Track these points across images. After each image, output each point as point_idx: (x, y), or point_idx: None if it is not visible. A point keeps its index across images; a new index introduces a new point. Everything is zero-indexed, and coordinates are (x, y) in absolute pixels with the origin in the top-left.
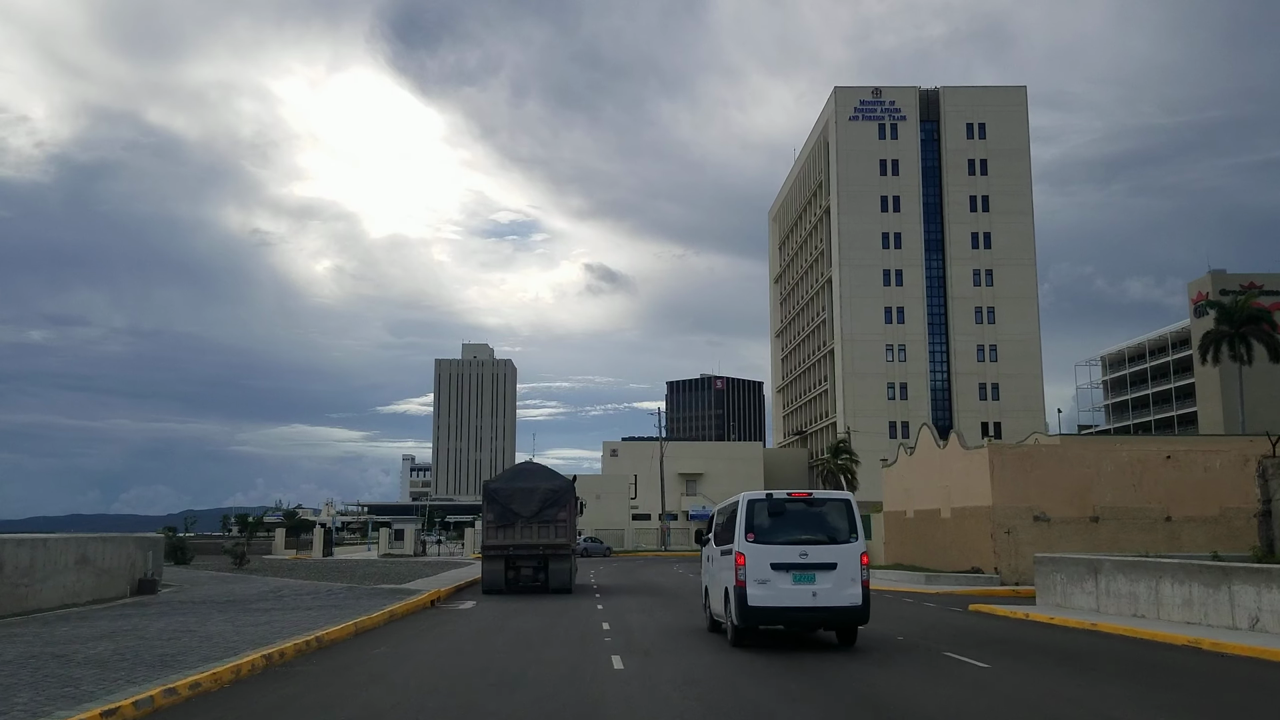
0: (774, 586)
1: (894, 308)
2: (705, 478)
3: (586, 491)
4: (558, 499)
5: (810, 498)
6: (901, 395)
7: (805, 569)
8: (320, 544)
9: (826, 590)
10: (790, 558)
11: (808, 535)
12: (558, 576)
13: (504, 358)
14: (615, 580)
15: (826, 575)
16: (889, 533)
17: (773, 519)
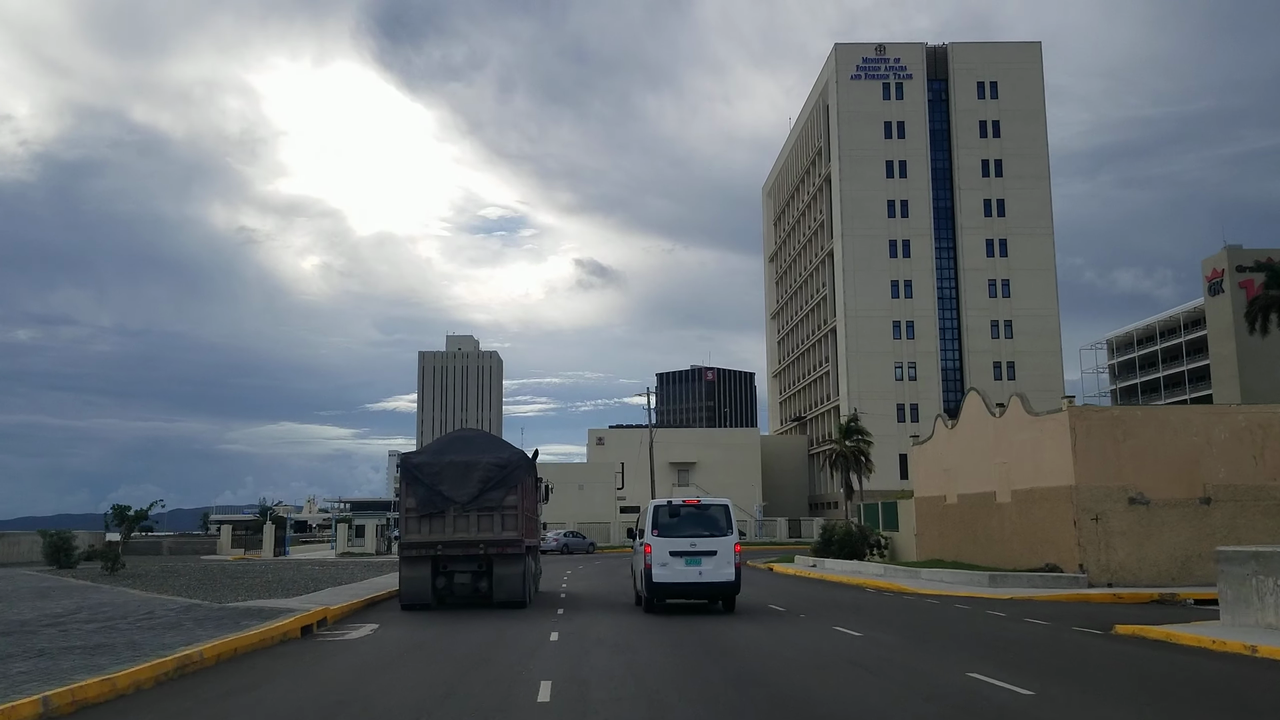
0: (672, 568)
1: (901, 281)
2: (699, 467)
3: (568, 481)
4: (506, 478)
5: (699, 504)
6: (910, 375)
7: (694, 555)
8: (270, 543)
9: (710, 570)
10: (684, 547)
11: (696, 531)
12: (507, 585)
13: (489, 349)
14: (592, 586)
15: (710, 559)
16: (922, 523)
17: (672, 519)
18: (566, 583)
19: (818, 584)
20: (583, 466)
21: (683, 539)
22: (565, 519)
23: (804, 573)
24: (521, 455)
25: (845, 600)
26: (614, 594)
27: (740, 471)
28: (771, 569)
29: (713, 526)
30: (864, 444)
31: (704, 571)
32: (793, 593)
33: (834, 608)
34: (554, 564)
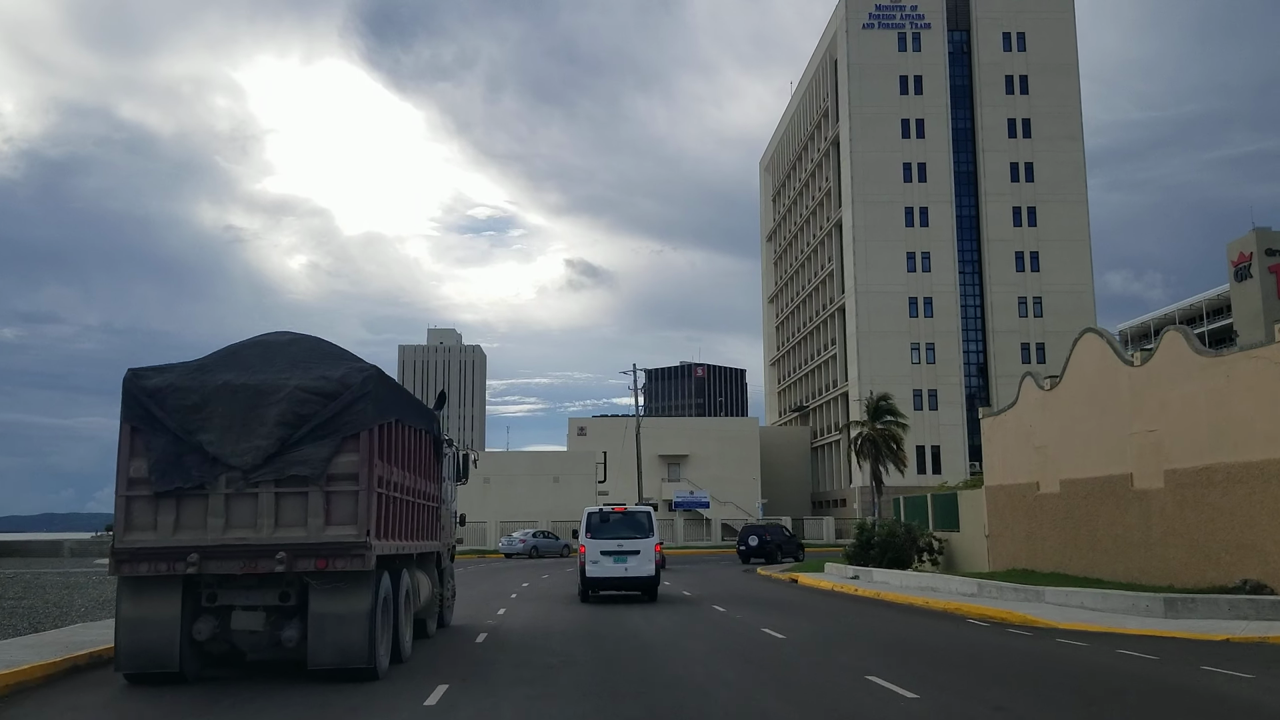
0: (603, 565)
1: (918, 253)
2: (691, 460)
3: (541, 473)
4: (336, 419)
5: (625, 510)
6: (928, 358)
7: (621, 554)
8: None
9: (634, 566)
10: (612, 547)
11: (623, 534)
12: (336, 635)
13: (472, 344)
14: (543, 615)
15: (634, 557)
16: (1000, 521)
17: (602, 523)
18: (508, 607)
19: (884, 610)
20: (559, 456)
21: (611, 540)
22: (537, 516)
23: (846, 587)
24: (370, 377)
25: (972, 652)
26: (569, 634)
27: (737, 465)
28: (796, 580)
29: (637, 529)
30: (897, 427)
31: (629, 568)
32: (880, 633)
33: (989, 678)
34: (515, 572)
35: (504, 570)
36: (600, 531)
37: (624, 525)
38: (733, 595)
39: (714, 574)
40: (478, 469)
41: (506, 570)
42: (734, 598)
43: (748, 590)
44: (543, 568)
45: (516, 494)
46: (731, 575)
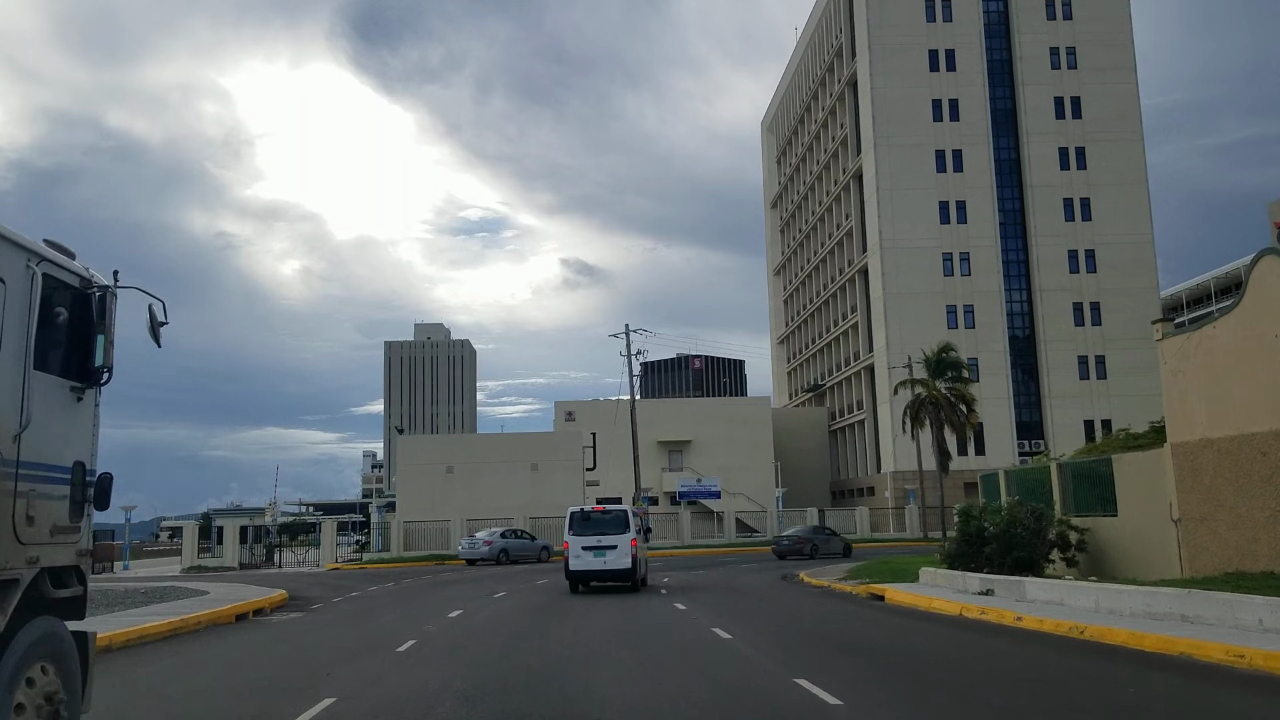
0: (583, 559)
1: (951, 202)
2: (694, 446)
3: (517, 459)
4: None
5: (604, 510)
6: (966, 321)
7: (599, 549)
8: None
9: (611, 560)
10: (591, 543)
11: (601, 530)
12: None
13: (461, 338)
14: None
15: (611, 552)
16: (1199, 499)
17: (584, 521)
18: (355, 684)
19: (1170, 680)
20: (539, 440)
21: (591, 537)
22: (511, 511)
23: (988, 613)
24: None
25: None
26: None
27: (747, 451)
28: (883, 597)
29: (615, 527)
30: (963, 384)
31: (608, 561)
32: None
33: None
34: (462, 587)
35: (449, 584)
36: (582, 529)
37: (603, 523)
38: (810, 636)
39: (745, 584)
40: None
41: (453, 584)
42: (812, 641)
43: (825, 622)
44: (507, 579)
45: (486, 485)
46: (771, 587)
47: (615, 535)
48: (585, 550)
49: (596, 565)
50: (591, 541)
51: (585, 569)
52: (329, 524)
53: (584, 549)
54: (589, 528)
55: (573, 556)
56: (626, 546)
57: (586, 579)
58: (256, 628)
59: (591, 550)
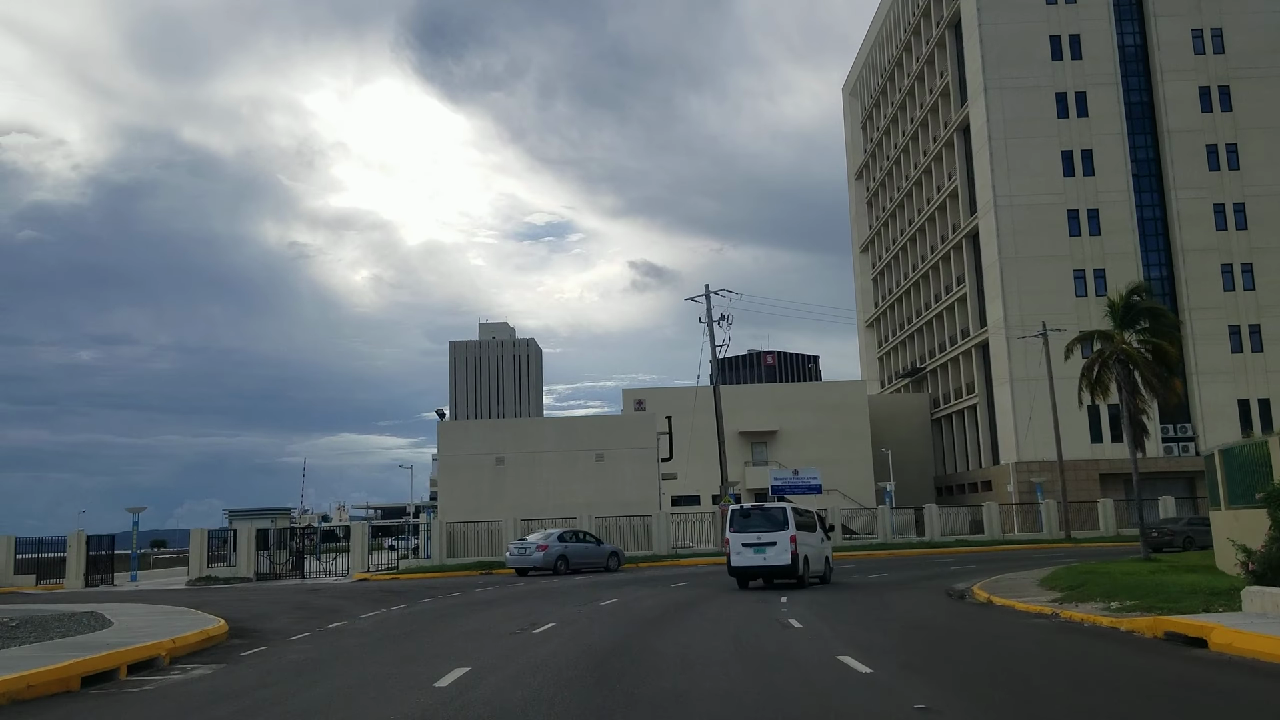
0: (744, 555)
1: (1075, 151)
2: (780, 437)
3: (578, 447)
4: None
5: (762, 506)
6: (1097, 288)
7: (760, 545)
8: (77, 566)
9: (772, 556)
10: (751, 539)
11: (761, 527)
12: None
13: (526, 337)
14: None
15: (771, 548)
16: None
17: (743, 519)
18: None
19: None
20: (605, 425)
21: (750, 534)
22: (573, 509)
23: None
24: None
25: None
26: None
27: (840, 442)
28: (1205, 642)
29: (774, 524)
30: (1167, 329)
31: (767, 557)
32: None
33: None
34: (491, 611)
35: (479, 607)
36: (743, 526)
37: (762, 520)
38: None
39: (905, 609)
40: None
41: (484, 606)
42: None
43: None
44: (562, 597)
45: (543, 478)
46: (945, 613)
47: (775, 532)
48: (745, 547)
49: (757, 561)
50: (751, 539)
51: (746, 565)
52: (358, 529)
53: (744, 545)
54: (749, 525)
55: (734, 553)
56: (786, 543)
57: (748, 575)
58: (90, 707)
59: (752, 547)
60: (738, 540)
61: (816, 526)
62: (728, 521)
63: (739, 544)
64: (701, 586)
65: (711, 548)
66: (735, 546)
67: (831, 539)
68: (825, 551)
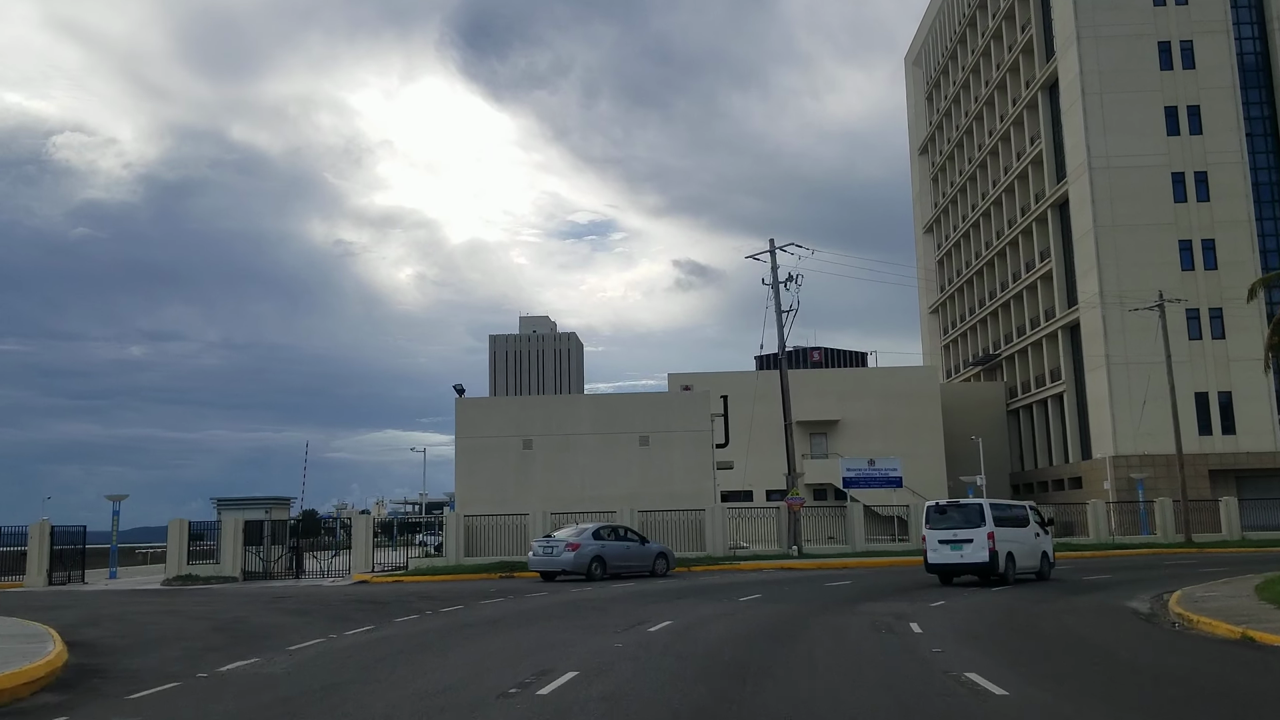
0: (941, 552)
1: (1180, 107)
2: (842, 428)
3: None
4: None
5: (959, 502)
6: (1206, 260)
7: (956, 542)
8: (39, 561)
9: (968, 553)
10: (948, 536)
11: (957, 523)
12: None
13: (567, 331)
14: None
15: (968, 545)
16: None
17: (939, 515)
18: None
19: None
20: (650, 403)
21: (946, 530)
22: (610, 501)
23: None
24: None
25: None
26: None
27: (909, 433)
28: None
29: (970, 520)
30: None
31: (964, 555)
32: None
33: None
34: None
35: (476, 632)
36: (938, 523)
37: (959, 516)
38: None
39: (1070, 631)
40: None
41: (482, 632)
42: None
43: None
44: (592, 616)
45: (578, 465)
46: (1134, 640)
47: (971, 529)
48: (942, 544)
49: (954, 559)
50: (948, 535)
51: (943, 562)
52: (361, 522)
53: (940, 542)
54: (945, 521)
55: (930, 550)
56: (983, 540)
57: (945, 572)
58: None
59: (948, 544)
60: (934, 537)
61: (1029, 521)
62: (924, 516)
63: (935, 540)
64: (780, 600)
65: (775, 548)
66: (931, 543)
67: (1050, 533)
68: (1042, 547)
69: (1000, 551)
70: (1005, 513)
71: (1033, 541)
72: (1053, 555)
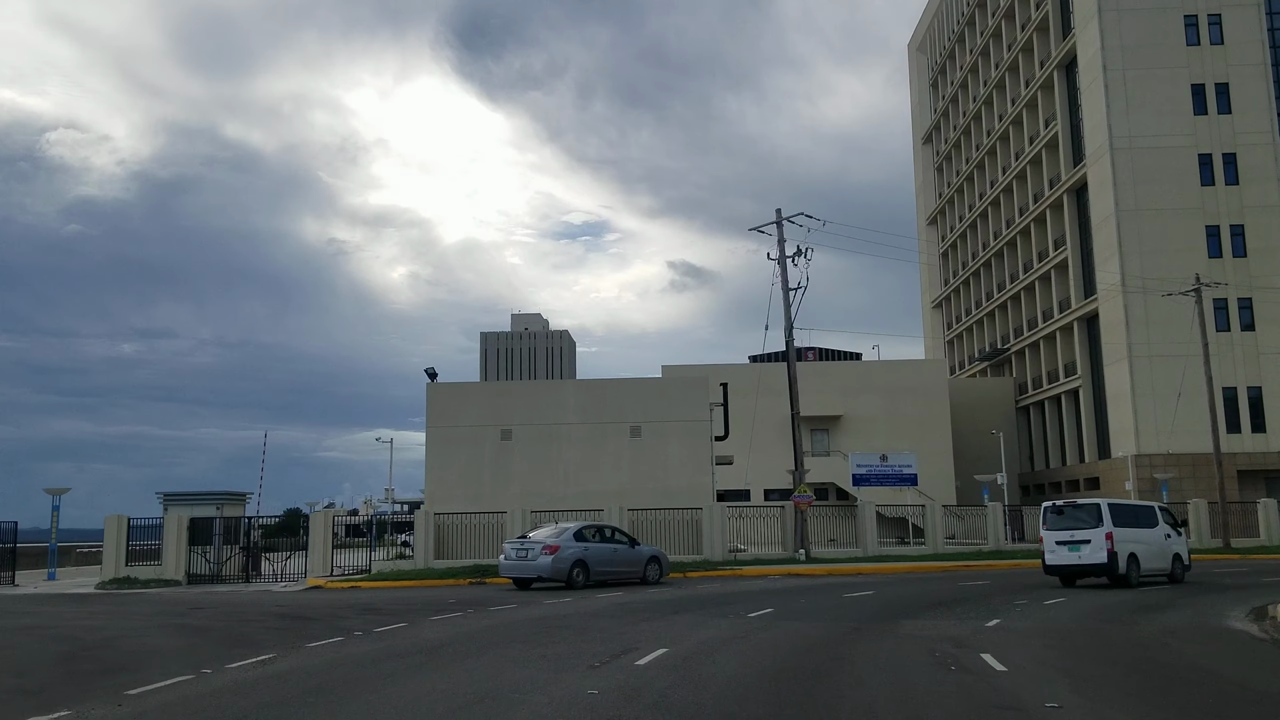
0: (1058, 553)
1: (1208, 85)
2: (844, 424)
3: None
4: None
5: (1075, 502)
6: (1235, 248)
7: (1074, 543)
8: None
9: (1086, 554)
10: (1065, 537)
11: (1074, 524)
12: None
13: (559, 329)
14: None
15: (1085, 546)
16: None
17: (1056, 515)
18: None
19: None
20: (642, 389)
21: (1063, 531)
22: (598, 498)
23: None
24: None
25: None
26: None
27: (915, 429)
28: None
29: (1087, 520)
30: None
31: (1082, 556)
32: None
33: None
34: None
35: (405, 668)
36: (1055, 523)
37: (1076, 517)
38: None
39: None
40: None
41: (413, 668)
42: None
43: None
44: (561, 650)
45: (563, 458)
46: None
47: (1088, 529)
48: (1059, 545)
49: (1071, 560)
50: (1065, 536)
51: (1061, 563)
52: (318, 520)
53: (1058, 543)
54: (1062, 522)
55: (1048, 551)
56: (1101, 540)
57: (1064, 574)
58: None
59: (1065, 545)
60: (1051, 538)
61: (1156, 522)
62: (1040, 518)
63: (1052, 541)
64: (799, 617)
65: (779, 552)
66: (1049, 544)
67: (1184, 535)
68: (1173, 548)
69: (1120, 553)
70: (1127, 513)
71: (1161, 543)
72: (1188, 557)
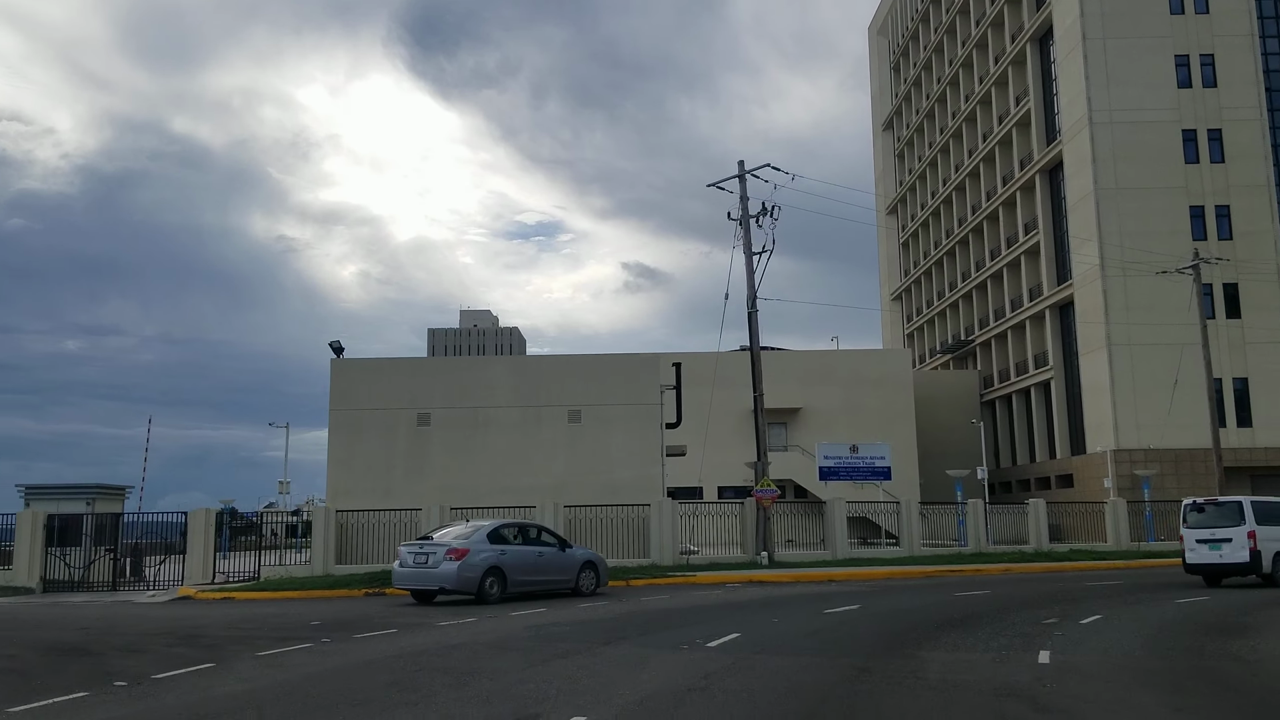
0: (1199, 552)
1: (1193, 56)
2: (804, 417)
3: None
4: None
5: (1215, 500)
6: (1220, 229)
7: (1215, 542)
8: None
9: (1228, 553)
10: (1205, 535)
11: (1216, 522)
12: None
13: (509, 326)
14: None
15: (1227, 545)
16: None
17: (1197, 513)
18: None
19: None
20: (582, 367)
21: (1204, 530)
22: (530, 493)
23: None
24: None
25: None
26: None
27: (878, 422)
28: None
29: (1228, 518)
30: None
31: (1223, 554)
32: None
33: None
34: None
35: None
36: (1196, 522)
37: (1216, 514)
38: None
39: None
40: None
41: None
42: None
43: None
44: (426, 713)
45: (490, 447)
46: None
47: (1229, 527)
48: (1200, 544)
49: (1212, 559)
50: (1205, 535)
51: (1202, 562)
52: (198, 520)
53: (1198, 542)
54: (1202, 520)
55: (1189, 550)
56: (1243, 539)
57: (1207, 573)
58: None
59: (1206, 544)
60: (1191, 536)
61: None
62: (1181, 516)
63: (1193, 540)
64: (776, 647)
65: (737, 554)
66: (1189, 543)
67: None
68: None
69: (1264, 551)
70: (1272, 510)
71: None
72: None
